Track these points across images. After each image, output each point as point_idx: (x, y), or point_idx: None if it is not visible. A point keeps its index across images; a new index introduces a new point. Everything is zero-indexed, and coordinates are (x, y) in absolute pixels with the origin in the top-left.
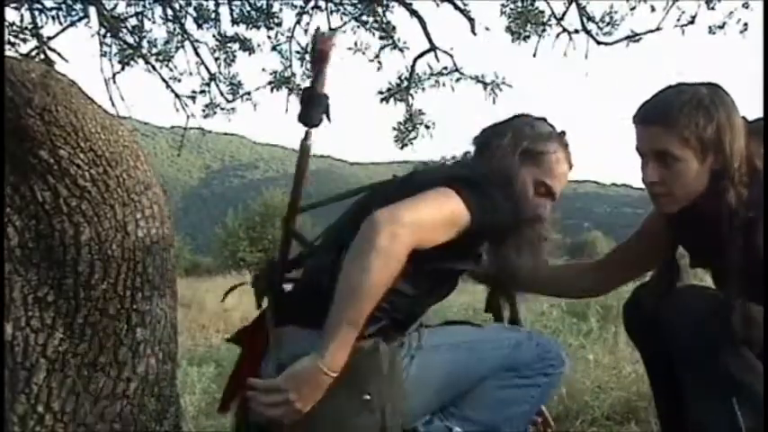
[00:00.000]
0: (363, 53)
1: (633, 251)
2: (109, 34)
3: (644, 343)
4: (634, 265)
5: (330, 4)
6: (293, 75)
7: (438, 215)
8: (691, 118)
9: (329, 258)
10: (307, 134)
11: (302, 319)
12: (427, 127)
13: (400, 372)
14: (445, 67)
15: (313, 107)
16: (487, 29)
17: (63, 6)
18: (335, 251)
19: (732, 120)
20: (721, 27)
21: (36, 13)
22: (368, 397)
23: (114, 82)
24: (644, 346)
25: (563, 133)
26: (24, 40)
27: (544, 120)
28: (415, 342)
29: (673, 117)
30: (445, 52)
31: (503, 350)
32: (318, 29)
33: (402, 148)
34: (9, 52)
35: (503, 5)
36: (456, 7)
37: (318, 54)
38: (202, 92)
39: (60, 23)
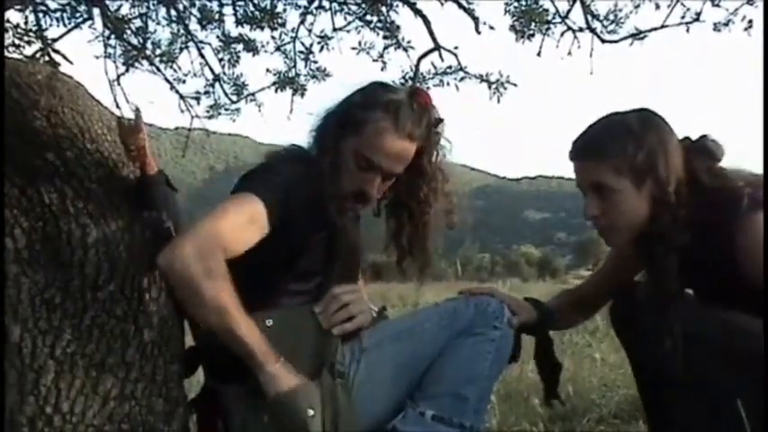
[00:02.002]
0: (368, 53)
1: (608, 279)
2: (113, 36)
3: (632, 346)
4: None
5: (334, 4)
6: (297, 75)
7: (237, 220)
8: (621, 147)
9: None
10: (161, 218)
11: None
12: None
13: (338, 387)
14: (449, 66)
15: (154, 192)
16: (492, 27)
17: (67, 8)
18: None
19: (664, 142)
20: (726, 24)
21: (40, 15)
22: (311, 412)
23: (119, 84)
24: (631, 349)
25: (395, 101)
26: (29, 43)
27: (385, 85)
28: (357, 347)
29: (603, 149)
30: (449, 51)
31: (442, 322)
32: (121, 119)
33: None
34: (14, 54)
35: (507, 4)
36: (460, 6)
37: (137, 152)
38: (206, 93)
39: (65, 25)
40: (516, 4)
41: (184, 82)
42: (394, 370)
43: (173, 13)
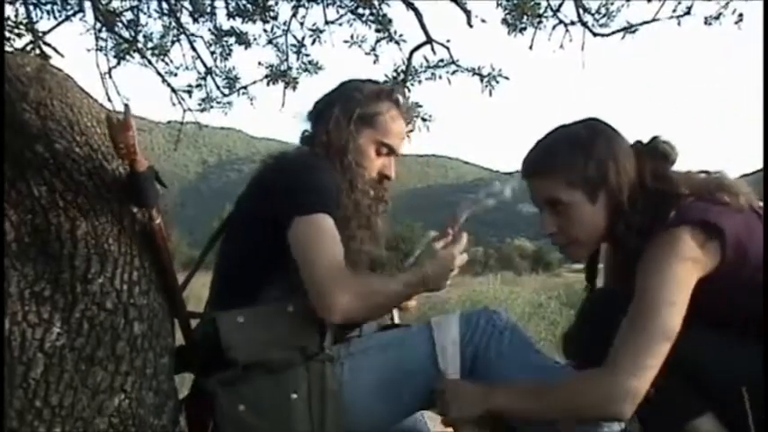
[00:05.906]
0: (360, 46)
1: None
2: (104, 29)
3: None
4: None
5: None
6: (289, 68)
7: (331, 242)
8: (570, 160)
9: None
10: (151, 215)
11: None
12: (424, 120)
13: (330, 380)
14: (442, 60)
15: (145, 189)
16: (484, 21)
17: (58, 1)
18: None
19: (614, 151)
20: (717, 18)
21: (31, 7)
22: (294, 396)
23: (110, 77)
24: None
25: (393, 90)
26: (19, 35)
27: (371, 81)
28: (344, 350)
29: (552, 163)
30: (442, 45)
31: (430, 340)
32: (110, 115)
33: None
34: (4, 47)
35: None
36: None
37: (126, 149)
38: (198, 86)
39: (55, 18)
40: None
41: (176, 75)
42: (376, 379)
43: (164, 5)
